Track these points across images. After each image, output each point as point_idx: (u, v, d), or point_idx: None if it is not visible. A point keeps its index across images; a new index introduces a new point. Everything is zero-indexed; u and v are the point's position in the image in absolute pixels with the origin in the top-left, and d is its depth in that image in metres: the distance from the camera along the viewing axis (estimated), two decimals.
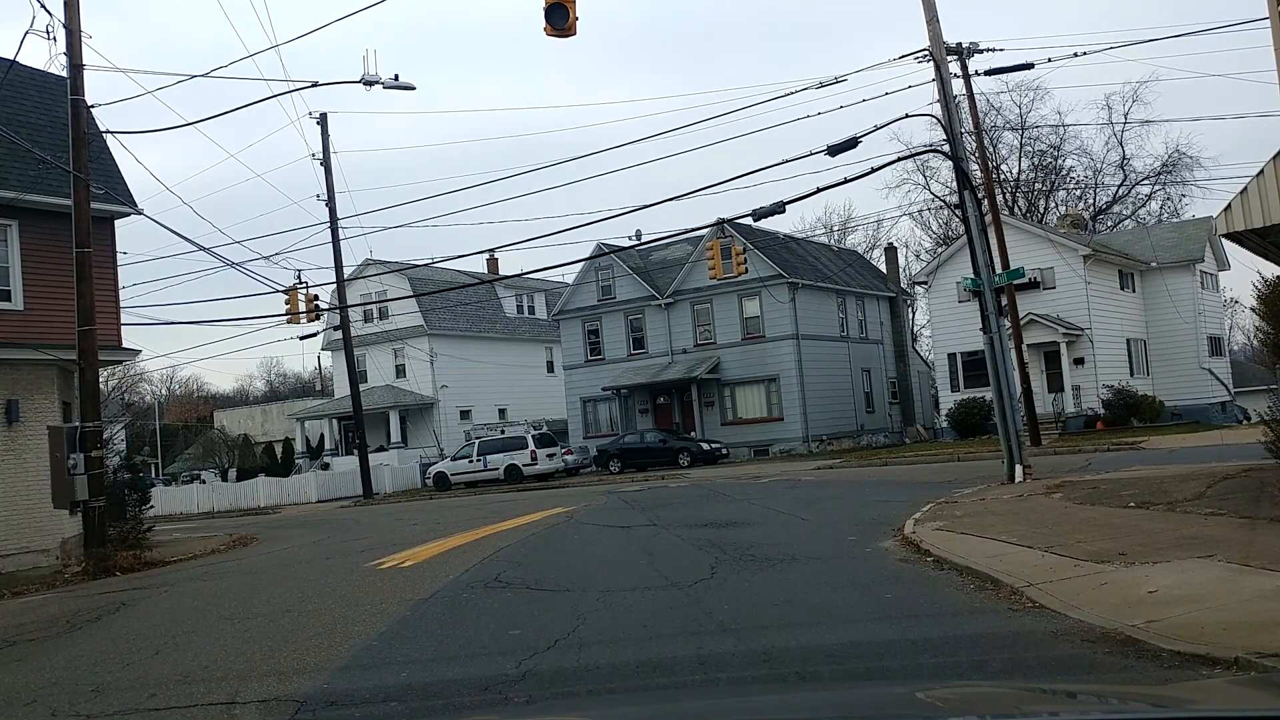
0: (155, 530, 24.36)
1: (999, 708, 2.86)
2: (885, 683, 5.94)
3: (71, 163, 17.48)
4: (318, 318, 31.03)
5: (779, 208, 21.07)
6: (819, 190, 20.97)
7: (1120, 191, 54.17)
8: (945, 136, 19.87)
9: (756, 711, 3.26)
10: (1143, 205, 55.81)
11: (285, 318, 30.82)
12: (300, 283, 30.47)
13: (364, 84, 20.32)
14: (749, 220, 21.11)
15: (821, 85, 21.03)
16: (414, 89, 20.66)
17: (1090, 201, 55.24)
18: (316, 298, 30.96)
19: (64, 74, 17.91)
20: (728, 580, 10.07)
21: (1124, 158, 52.60)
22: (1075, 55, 24.42)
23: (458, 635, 8.30)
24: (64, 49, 17.33)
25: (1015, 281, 24.13)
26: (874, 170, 21.19)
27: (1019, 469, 18.52)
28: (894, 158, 24.05)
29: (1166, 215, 52.54)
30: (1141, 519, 11.57)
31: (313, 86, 19.93)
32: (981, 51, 26.45)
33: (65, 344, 17.86)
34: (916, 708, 2.89)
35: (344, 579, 12.34)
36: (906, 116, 19.76)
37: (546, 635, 7.78)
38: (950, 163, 52.09)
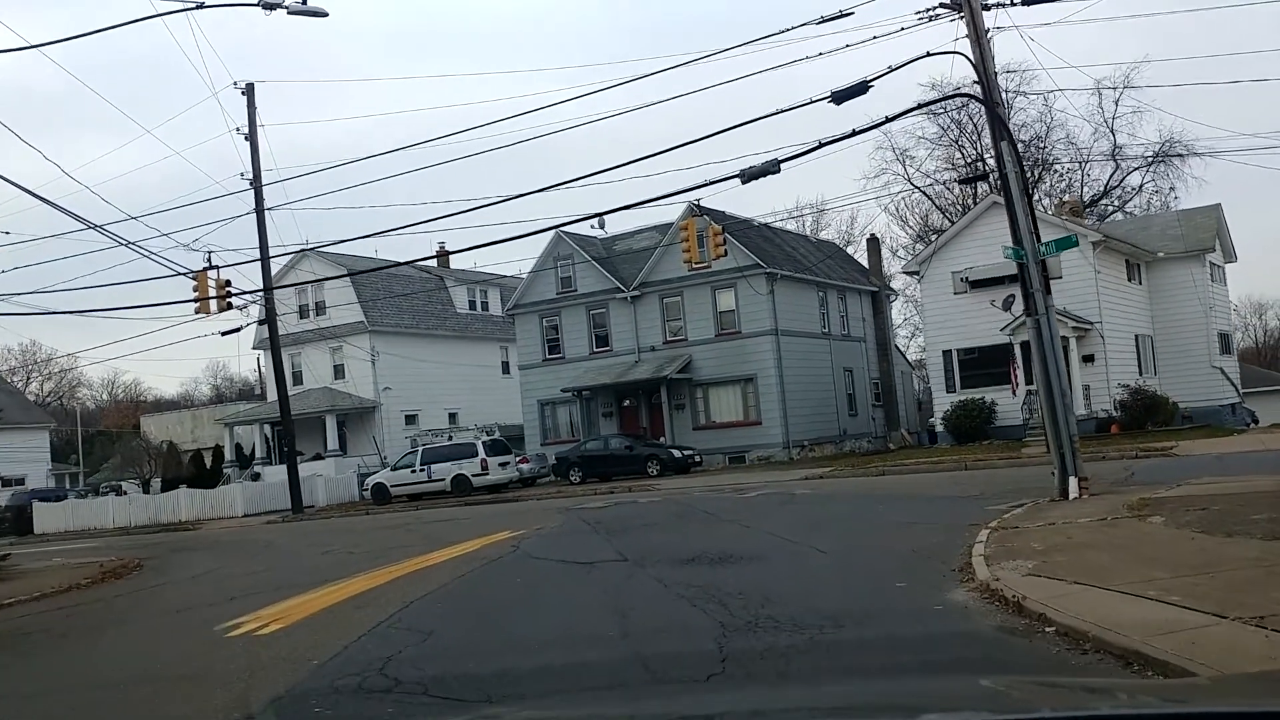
0: (19, 556, 20.45)
1: (1006, 702, 2.75)
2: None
3: None
4: (229, 305, 26.90)
5: (773, 166, 17.54)
6: (820, 145, 17.36)
7: (1113, 180, 51.21)
8: (976, 78, 16.31)
9: None
10: (1131, 199, 52.94)
11: (194, 304, 26.73)
12: (209, 265, 26.36)
13: (263, 7, 16.35)
14: (736, 181, 17.41)
15: (824, 20, 17.41)
16: (325, 15, 16.82)
17: (1079, 194, 52.27)
18: (229, 283, 26.86)
19: None
20: (751, 673, 6.33)
21: (1115, 146, 49.56)
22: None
23: None
24: None
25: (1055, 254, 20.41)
26: (889, 120, 17.55)
27: (1074, 482, 14.95)
28: (915, 105, 20.41)
29: (1157, 207, 49.69)
30: None
31: (198, 8, 15.94)
32: None
33: None
34: (919, 700, 2.84)
35: (167, 655, 8.50)
36: (928, 55, 16.14)
37: None
38: (940, 150, 48.21)
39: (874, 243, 45.98)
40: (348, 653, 7.48)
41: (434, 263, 47.59)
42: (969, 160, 48.49)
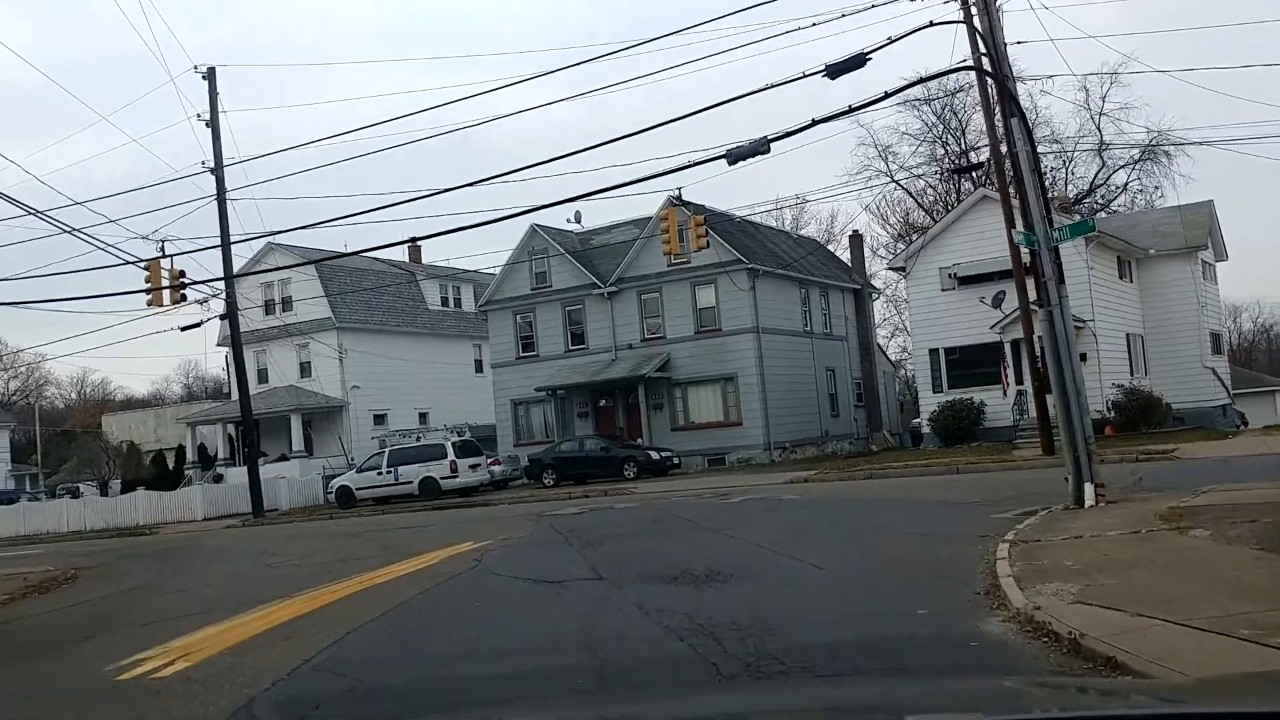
0: None
1: (1000, 704, 2.72)
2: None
3: None
4: (183, 297, 25.33)
5: (763, 145, 16.19)
6: (815, 122, 16.04)
7: (1098, 179, 50.24)
8: (984, 50, 15.07)
9: None
10: (1116, 197, 52.02)
11: (146, 295, 25.17)
12: (163, 254, 24.78)
13: None
14: (721, 168, 16.06)
15: None
16: None
17: (1064, 192, 51.26)
18: (183, 273, 25.29)
19: None
20: None
21: (1101, 143, 48.55)
22: None
23: None
24: None
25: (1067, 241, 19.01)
26: (888, 95, 16.24)
27: (1090, 489, 13.69)
28: (917, 80, 19.12)
29: (1141, 206, 48.73)
30: None
31: None
32: None
33: None
34: (914, 702, 2.82)
35: (31, 707, 7.03)
36: (931, 25, 14.90)
37: None
38: (924, 146, 46.65)
39: (857, 239, 44.82)
40: (252, 708, 6.06)
41: (405, 257, 46.04)
42: (954, 156, 47.43)
